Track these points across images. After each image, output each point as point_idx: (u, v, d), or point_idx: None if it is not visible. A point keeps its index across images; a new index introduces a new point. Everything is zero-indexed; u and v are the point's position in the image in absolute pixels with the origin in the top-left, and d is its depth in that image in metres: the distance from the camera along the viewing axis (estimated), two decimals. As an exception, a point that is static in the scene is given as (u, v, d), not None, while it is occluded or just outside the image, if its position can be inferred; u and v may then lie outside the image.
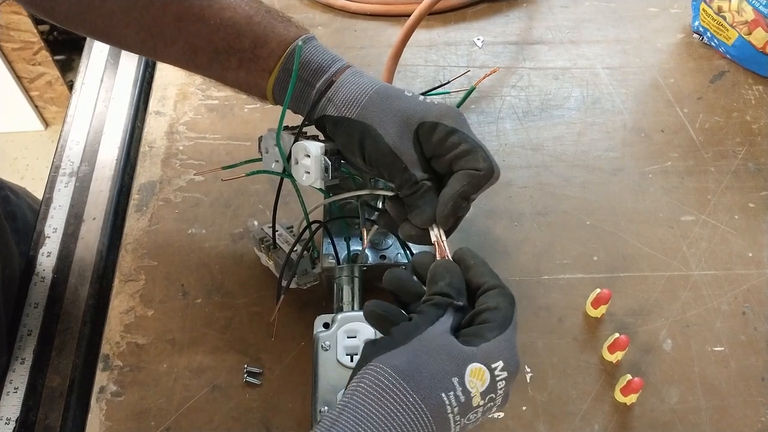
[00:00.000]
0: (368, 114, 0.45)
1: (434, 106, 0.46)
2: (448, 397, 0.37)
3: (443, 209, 0.44)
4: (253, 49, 0.48)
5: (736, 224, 0.63)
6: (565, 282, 0.59)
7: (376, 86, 0.47)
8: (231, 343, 0.56)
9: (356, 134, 0.46)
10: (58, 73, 1.71)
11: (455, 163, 0.45)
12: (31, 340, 0.57)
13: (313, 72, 0.48)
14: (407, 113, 0.45)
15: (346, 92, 0.46)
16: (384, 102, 0.46)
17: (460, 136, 0.44)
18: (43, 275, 0.60)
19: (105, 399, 0.54)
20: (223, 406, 0.53)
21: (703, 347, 0.56)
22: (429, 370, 0.37)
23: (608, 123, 0.70)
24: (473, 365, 0.37)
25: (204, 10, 0.48)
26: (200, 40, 0.49)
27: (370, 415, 0.36)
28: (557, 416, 0.53)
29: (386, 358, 0.38)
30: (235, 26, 0.48)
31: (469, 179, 0.44)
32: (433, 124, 0.44)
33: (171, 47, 0.50)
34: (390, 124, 0.45)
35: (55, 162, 0.67)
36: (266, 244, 0.54)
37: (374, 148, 0.45)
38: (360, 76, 0.48)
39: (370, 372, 0.37)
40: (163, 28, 0.49)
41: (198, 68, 0.52)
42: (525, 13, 0.80)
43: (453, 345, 0.38)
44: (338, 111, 0.46)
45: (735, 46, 0.72)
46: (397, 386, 0.36)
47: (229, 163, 0.54)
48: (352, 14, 0.79)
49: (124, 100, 0.72)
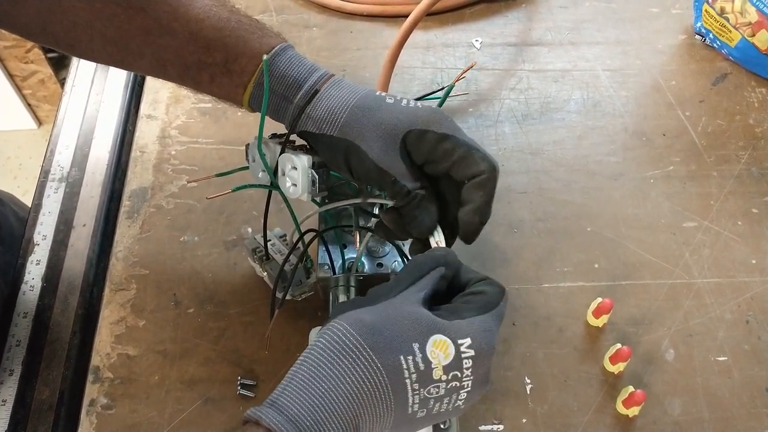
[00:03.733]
0: (350, 130, 0.43)
1: (419, 110, 0.44)
2: (406, 360, 0.36)
3: (470, 227, 0.43)
4: (225, 64, 0.46)
5: (739, 230, 0.62)
6: (566, 290, 0.58)
7: (355, 98, 0.44)
8: (224, 354, 0.55)
9: (340, 152, 0.44)
10: (51, 71, 1.69)
11: (454, 171, 0.43)
12: (20, 350, 0.56)
13: (289, 86, 0.46)
14: (391, 123, 0.43)
15: (325, 108, 0.44)
16: (365, 115, 0.44)
17: (452, 142, 0.43)
18: (32, 284, 0.59)
19: (95, 412, 0.52)
20: (216, 419, 0.52)
21: (706, 357, 0.55)
22: (390, 331, 0.36)
23: (609, 126, 0.69)
24: (437, 336, 0.36)
25: (171, 23, 0.46)
26: (169, 53, 0.47)
27: (325, 372, 0.35)
28: (558, 429, 0.52)
29: (350, 315, 0.37)
30: (205, 39, 0.46)
31: (480, 188, 0.42)
32: (421, 132, 0.43)
33: (139, 60, 0.48)
34: (373, 138, 0.43)
35: (44, 167, 0.66)
36: (259, 255, 0.53)
37: (360, 165, 0.44)
38: (339, 88, 0.45)
39: (331, 327, 0.37)
40: (129, 40, 0.47)
41: (171, 80, 0.50)
42: (524, 13, 0.78)
43: (421, 312, 0.37)
44: (318, 128, 0.44)
45: (738, 48, 0.71)
46: (354, 343, 0.36)
47: (222, 169, 0.53)
48: (348, 15, 0.77)
49: (115, 103, 0.70)
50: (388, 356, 0.35)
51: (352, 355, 0.35)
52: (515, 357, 0.55)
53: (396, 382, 0.36)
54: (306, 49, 0.74)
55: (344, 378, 0.35)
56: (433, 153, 0.43)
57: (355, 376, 0.35)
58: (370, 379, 0.35)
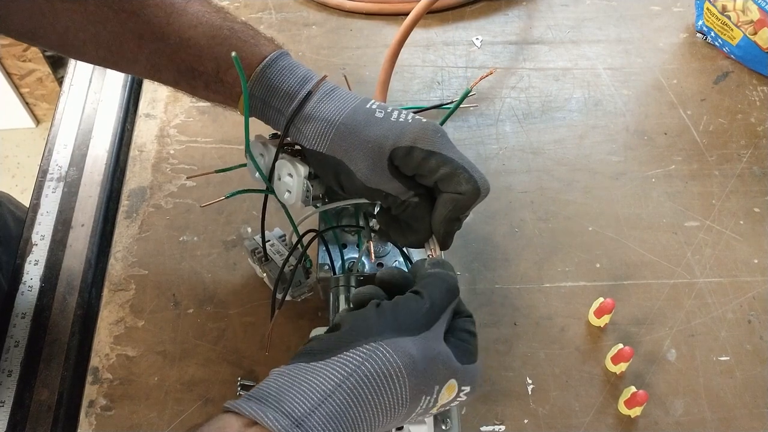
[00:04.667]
0: (338, 149, 0.43)
1: (408, 126, 0.42)
2: (426, 400, 0.37)
3: (437, 236, 0.43)
4: (217, 74, 0.46)
5: (741, 230, 0.61)
6: (567, 290, 0.58)
7: (342, 115, 0.43)
8: (224, 354, 0.54)
9: (330, 169, 0.44)
10: (49, 70, 1.68)
11: (439, 185, 0.43)
12: (18, 351, 0.55)
13: (281, 98, 0.45)
14: (378, 141, 0.42)
15: (314, 126, 0.44)
16: (352, 133, 0.43)
17: (438, 159, 0.41)
18: (31, 284, 0.59)
19: (94, 413, 0.52)
20: (216, 420, 0.51)
21: (708, 357, 0.55)
22: (426, 371, 0.37)
23: (610, 125, 0.69)
24: (452, 381, 0.38)
25: (163, 28, 0.45)
26: (162, 59, 0.46)
27: (365, 400, 0.35)
28: (559, 429, 0.51)
29: (400, 344, 0.36)
30: (197, 47, 0.45)
31: (454, 204, 0.42)
32: (408, 149, 0.42)
33: (133, 65, 0.48)
34: (360, 158, 0.42)
35: (42, 166, 0.65)
36: (258, 255, 0.53)
37: (350, 183, 0.43)
38: (328, 101, 0.44)
39: (381, 355, 0.36)
40: (123, 45, 0.46)
41: (168, 84, 0.49)
42: (524, 11, 0.78)
43: (447, 353, 0.38)
44: (309, 144, 0.44)
45: (739, 47, 0.71)
46: (401, 380, 0.36)
47: (221, 167, 0.53)
48: (347, 13, 0.77)
49: (114, 102, 0.70)
50: (417, 394, 0.37)
51: (395, 392, 0.36)
52: (516, 357, 0.55)
53: (407, 414, 0.37)
54: (305, 48, 0.74)
55: (379, 408, 0.36)
56: (420, 169, 0.42)
57: (388, 408, 0.36)
58: (396, 412, 0.36)
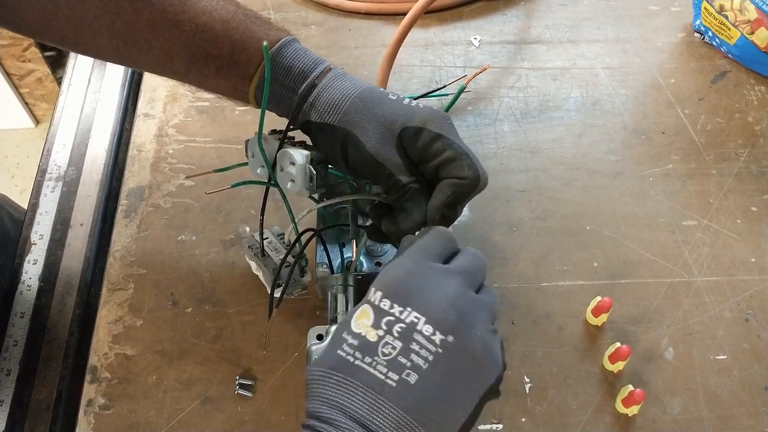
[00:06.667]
0: (350, 120, 0.44)
1: (419, 110, 0.44)
2: (342, 350, 0.36)
3: (432, 223, 0.43)
4: (231, 56, 0.46)
5: (739, 229, 0.62)
6: (565, 289, 0.58)
7: (358, 90, 0.45)
8: (222, 353, 0.54)
9: (338, 141, 0.45)
10: (48, 70, 1.68)
11: (440, 170, 0.43)
12: (17, 350, 0.55)
13: (295, 77, 0.46)
14: (390, 118, 0.44)
15: (328, 97, 0.45)
16: (366, 107, 0.44)
17: (444, 142, 0.43)
18: (29, 284, 0.59)
19: (93, 412, 0.52)
20: (214, 419, 0.52)
21: (706, 356, 0.55)
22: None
23: (608, 125, 0.69)
24: (356, 311, 0.37)
25: (178, 15, 0.46)
26: (176, 46, 0.47)
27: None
28: (557, 428, 0.52)
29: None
30: (212, 32, 0.46)
31: (453, 189, 0.42)
32: (417, 129, 0.43)
33: (146, 54, 0.48)
34: (372, 130, 0.44)
35: (41, 166, 0.65)
36: (255, 251, 0.53)
37: (356, 155, 0.44)
38: (343, 80, 0.46)
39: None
40: (137, 34, 0.47)
41: (176, 75, 0.50)
42: (523, 11, 0.78)
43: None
44: (320, 117, 0.45)
45: (737, 46, 0.71)
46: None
47: (220, 167, 0.53)
48: (346, 13, 0.77)
49: (112, 101, 0.70)
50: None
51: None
52: (514, 356, 0.55)
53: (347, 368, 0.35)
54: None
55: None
56: (426, 151, 0.43)
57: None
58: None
